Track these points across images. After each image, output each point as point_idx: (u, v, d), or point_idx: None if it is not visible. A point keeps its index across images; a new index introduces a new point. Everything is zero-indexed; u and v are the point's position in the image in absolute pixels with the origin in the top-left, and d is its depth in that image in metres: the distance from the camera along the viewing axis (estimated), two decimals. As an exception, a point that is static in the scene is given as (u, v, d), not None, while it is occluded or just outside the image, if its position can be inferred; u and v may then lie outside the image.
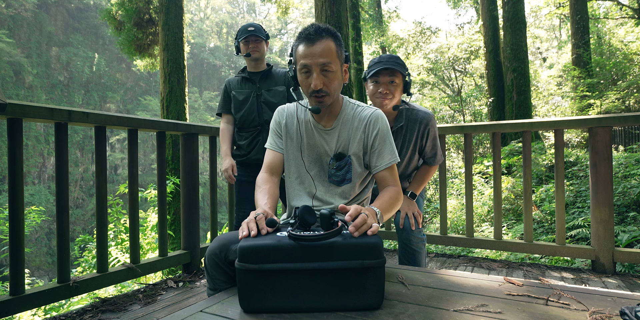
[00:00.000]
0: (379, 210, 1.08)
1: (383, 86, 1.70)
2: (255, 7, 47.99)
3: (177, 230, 5.50)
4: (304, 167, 1.29)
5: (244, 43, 2.22)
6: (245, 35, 2.20)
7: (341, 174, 1.26)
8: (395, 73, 1.70)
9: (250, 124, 2.22)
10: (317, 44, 1.14)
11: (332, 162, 1.27)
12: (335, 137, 1.27)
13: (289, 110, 1.34)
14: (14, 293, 1.66)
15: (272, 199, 1.21)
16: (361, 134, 1.25)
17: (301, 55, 1.17)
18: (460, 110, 12.90)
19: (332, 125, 1.27)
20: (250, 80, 2.27)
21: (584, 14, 10.14)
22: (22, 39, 26.18)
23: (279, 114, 1.35)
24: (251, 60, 2.26)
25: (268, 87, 2.24)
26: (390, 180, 1.25)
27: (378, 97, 1.71)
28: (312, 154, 1.30)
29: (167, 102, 6.43)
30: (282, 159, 1.33)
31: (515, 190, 5.48)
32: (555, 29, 24.59)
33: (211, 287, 1.13)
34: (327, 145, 1.27)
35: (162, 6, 6.69)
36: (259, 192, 1.24)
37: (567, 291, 0.99)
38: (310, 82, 1.17)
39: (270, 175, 1.31)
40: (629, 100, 9.83)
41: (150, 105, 30.03)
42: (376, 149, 1.25)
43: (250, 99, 2.23)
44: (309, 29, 1.17)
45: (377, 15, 15.68)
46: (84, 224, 24.87)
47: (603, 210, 2.36)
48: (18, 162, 1.67)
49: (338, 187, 1.28)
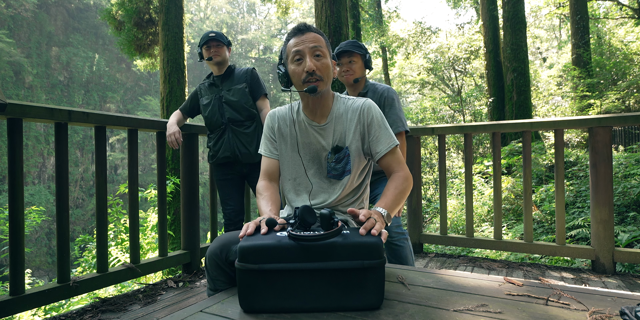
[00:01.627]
0: (384, 211, 1.10)
1: (345, 66, 2.11)
2: (255, 7, 47.98)
3: (177, 230, 5.49)
4: (302, 166, 1.30)
5: (205, 48, 2.34)
6: (205, 40, 2.32)
7: (341, 166, 1.26)
8: (352, 54, 2.09)
9: (214, 124, 2.33)
10: (307, 34, 1.21)
11: (331, 155, 1.27)
12: (331, 132, 1.28)
13: (280, 113, 1.35)
14: (14, 293, 1.66)
15: (275, 205, 1.23)
16: (356, 124, 1.26)
17: (292, 45, 1.21)
18: (460, 110, 12.90)
19: (326, 121, 1.28)
20: (215, 84, 2.40)
21: (584, 14, 10.14)
22: (22, 39, 26.18)
23: (270, 118, 1.35)
24: (214, 65, 2.37)
25: (228, 87, 2.34)
26: (395, 166, 1.26)
27: (342, 75, 2.13)
28: (309, 152, 1.30)
29: (167, 102, 6.43)
30: (277, 165, 1.34)
31: (515, 190, 5.48)
32: (555, 29, 24.59)
33: (212, 287, 1.13)
34: (324, 140, 1.28)
35: (162, 6, 6.69)
36: (261, 200, 1.25)
37: (567, 291, 0.99)
38: (303, 68, 1.19)
39: (269, 181, 1.32)
40: (629, 100, 9.83)
41: (150, 105, 30.03)
42: (374, 136, 1.26)
43: (212, 101, 2.35)
44: (297, 25, 1.24)
45: (377, 15, 15.68)
46: (84, 224, 24.87)
47: (603, 210, 2.36)
48: (18, 162, 1.67)
49: (338, 181, 1.28)
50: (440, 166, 2.92)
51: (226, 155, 2.29)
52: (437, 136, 3.01)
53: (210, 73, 2.46)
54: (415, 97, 16.48)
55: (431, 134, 3.01)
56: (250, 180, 2.38)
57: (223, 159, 2.31)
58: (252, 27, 46.74)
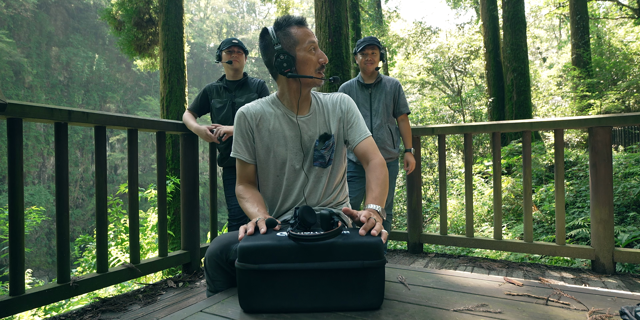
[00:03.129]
0: (378, 207, 1.12)
1: (369, 56, 2.58)
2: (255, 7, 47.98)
3: (177, 230, 5.50)
4: (287, 159, 1.29)
5: (227, 52, 2.43)
6: (229, 45, 2.41)
7: (328, 153, 1.29)
8: (374, 47, 2.58)
9: None
10: (308, 27, 1.27)
11: (319, 143, 1.28)
12: (316, 122, 1.31)
13: (254, 109, 1.30)
14: (14, 293, 1.66)
15: (262, 205, 1.24)
16: (338, 112, 1.34)
17: (304, 34, 1.24)
18: (460, 110, 12.90)
19: (309, 112, 1.32)
20: (228, 89, 2.48)
21: (584, 14, 10.15)
22: (22, 39, 26.18)
23: (243, 118, 1.29)
24: (230, 69, 2.45)
25: (242, 94, 2.45)
26: (371, 152, 1.30)
27: (366, 63, 2.59)
28: (296, 144, 1.29)
29: (167, 102, 6.43)
30: (254, 168, 1.34)
31: (515, 190, 5.48)
32: (555, 29, 24.59)
33: (211, 288, 1.12)
34: (310, 130, 1.31)
35: (162, 6, 6.69)
36: (244, 203, 1.25)
37: (567, 291, 0.99)
38: (318, 57, 1.25)
39: (247, 183, 1.33)
40: (629, 100, 9.83)
41: (150, 105, 30.04)
42: (352, 124, 1.33)
43: (227, 106, 2.43)
44: (297, 16, 1.26)
45: (377, 15, 15.68)
46: (84, 224, 24.87)
47: (603, 210, 2.36)
48: (18, 162, 1.67)
49: (323, 170, 1.31)
50: (440, 166, 2.93)
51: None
52: (437, 136, 3.01)
53: (223, 76, 2.54)
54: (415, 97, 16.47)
55: (431, 134, 3.01)
56: None
57: (233, 162, 2.41)
58: (252, 27, 46.75)
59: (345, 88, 2.69)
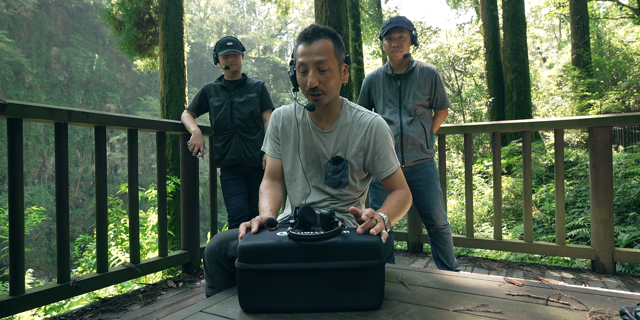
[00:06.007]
0: (386, 217, 1.09)
1: (395, 41, 2.10)
2: (255, 7, 47.98)
3: (177, 230, 5.49)
4: (301, 167, 1.30)
5: (223, 57, 2.44)
6: (225, 51, 2.41)
7: (337, 177, 1.26)
8: (403, 30, 2.09)
9: (223, 127, 2.42)
10: (315, 43, 1.15)
11: (330, 164, 1.27)
12: (333, 140, 1.27)
13: (285, 112, 1.34)
14: (14, 293, 1.66)
15: (274, 202, 1.23)
16: (360, 140, 1.25)
17: (299, 54, 1.17)
18: (460, 110, 12.90)
19: (330, 128, 1.27)
20: (226, 89, 2.50)
21: (584, 14, 10.14)
22: (22, 39, 26.17)
23: (275, 118, 1.34)
24: (228, 72, 2.48)
25: (241, 94, 2.47)
26: (398, 184, 1.25)
27: (392, 50, 2.12)
28: (309, 155, 1.30)
29: (167, 102, 6.43)
30: (281, 164, 1.34)
31: (515, 190, 5.48)
32: (555, 29, 24.58)
33: (210, 285, 1.13)
34: (325, 147, 1.27)
35: (162, 6, 6.69)
36: (261, 198, 1.25)
37: (567, 291, 0.99)
38: (306, 80, 1.17)
39: (272, 180, 1.33)
40: (629, 100, 9.83)
41: (150, 105, 30.03)
42: (380, 155, 1.25)
43: (225, 105, 2.44)
44: (307, 29, 1.18)
45: (377, 15, 15.66)
46: (84, 224, 24.86)
47: (603, 210, 2.36)
48: (18, 162, 1.67)
49: (334, 190, 1.28)
50: (440, 166, 2.92)
51: (232, 158, 2.41)
52: (437, 136, 3.02)
53: (222, 76, 2.56)
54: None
55: (431, 134, 3.00)
56: (250, 180, 2.51)
57: (229, 162, 2.42)
58: (252, 27, 46.75)
59: (370, 80, 2.29)
